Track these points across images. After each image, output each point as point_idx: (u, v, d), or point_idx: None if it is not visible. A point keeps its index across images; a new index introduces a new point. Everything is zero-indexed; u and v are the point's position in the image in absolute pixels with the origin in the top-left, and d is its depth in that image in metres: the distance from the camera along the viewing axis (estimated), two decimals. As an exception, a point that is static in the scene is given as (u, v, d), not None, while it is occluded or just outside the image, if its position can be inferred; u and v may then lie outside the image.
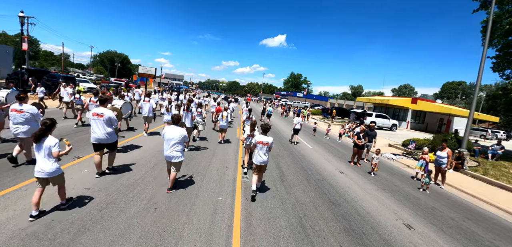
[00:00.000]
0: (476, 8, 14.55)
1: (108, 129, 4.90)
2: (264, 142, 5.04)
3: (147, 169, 5.78)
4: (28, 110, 4.96)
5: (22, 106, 4.96)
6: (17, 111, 4.89)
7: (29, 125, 4.98)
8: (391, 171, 9.37)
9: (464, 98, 77.21)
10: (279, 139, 12.64)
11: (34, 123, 5.08)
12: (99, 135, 4.80)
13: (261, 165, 5.11)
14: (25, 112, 4.93)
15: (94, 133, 4.82)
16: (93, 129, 4.83)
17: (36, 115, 5.11)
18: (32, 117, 5.02)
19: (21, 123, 4.91)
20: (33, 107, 5.12)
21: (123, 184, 4.80)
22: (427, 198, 6.88)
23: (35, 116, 5.08)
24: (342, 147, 13.33)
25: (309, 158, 9.44)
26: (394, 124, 24.70)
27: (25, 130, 4.93)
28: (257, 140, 5.10)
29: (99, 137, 4.80)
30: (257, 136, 5.25)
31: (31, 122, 5.02)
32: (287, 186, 6.00)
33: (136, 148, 7.43)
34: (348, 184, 6.92)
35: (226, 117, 9.67)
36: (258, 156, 5.05)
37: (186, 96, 20.85)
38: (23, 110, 4.92)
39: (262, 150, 5.04)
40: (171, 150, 4.58)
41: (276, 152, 9.39)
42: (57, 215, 3.57)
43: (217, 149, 8.72)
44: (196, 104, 11.61)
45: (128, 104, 8.22)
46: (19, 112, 4.89)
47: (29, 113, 4.97)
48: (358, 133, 9.19)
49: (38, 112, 5.17)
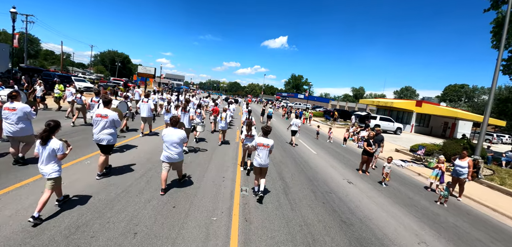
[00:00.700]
0: (487, 8, 13.95)
1: (111, 130, 4.89)
2: (265, 145, 4.98)
3: (132, 180, 5.09)
4: (20, 109, 4.86)
5: (14, 104, 4.86)
6: (9, 109, 4.81)
7: (22, 124, 4.88)
8: (403, 180, 8.66)
9: (466, 101, 76.42)
10: (281, 143, 11.95)
11: (27, 122, 4.97)
12: (101, 136, 4.76)
13: (262, 168, 5.02)
14: (18, 110, 4.83)
15: (96, 134, 4.78)
16: (95, 130, 4.79)
17: (29, 114, 4.99)
18: (24, 116, 4.91)
19: (14, 122, 4.81)
20: (25, 106, 5.00)
21: (101, 200, 4.11)
22: (446, 213, 6.17)
23: (28, 115, 4.97)
24: (347, 152, 12.62)
25: (313, 165, 8.73)
26: (398, 127, 23.98)
27: (18, 128, 4.84)
28: (258, 142, 5.02)
29: (101, 137, 4.76)
30: (258, 138, 5.15)
31: (24, 121, 4.91)
32: (292, 201, 5.29)
33: (129, 149, 7.08)
34: (359, 197, 6.22)
35: (225, 118, 9.51)
36: (258, 158, 4.97)
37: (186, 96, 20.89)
38: (16, 109, 4.83)
39: (263, 152, 4.95)
40: (170, 152, 4.57)
41: (278, 159, 8.70)
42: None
43: (215, 153, 8.03)
44: (195, 105, 11.25)
45: (124, 104, 8.05)
46: (11, 110, 4.81)
47: (22, 111, 4.87)
48: (368, 139, 8.49)
49: (30, 110, 5.05)
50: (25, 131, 4.93)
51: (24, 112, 4.89)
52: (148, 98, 9.23)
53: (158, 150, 7.24)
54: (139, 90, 17.47)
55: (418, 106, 28.19)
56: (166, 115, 9.06)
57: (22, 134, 4.89)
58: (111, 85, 27.77)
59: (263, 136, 5.15)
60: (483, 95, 76.93)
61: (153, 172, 5.63)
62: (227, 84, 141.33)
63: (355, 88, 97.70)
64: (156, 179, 5.26)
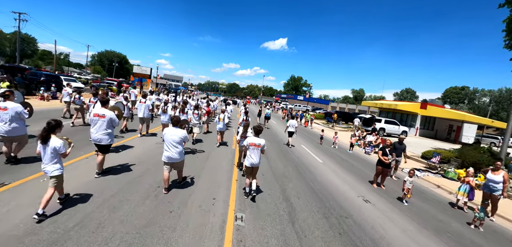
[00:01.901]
0: (502, 3, 13.02)
1: (108, 130, 4.90)
2: (257, 144, 4.95)
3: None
4: (12, 108, 4.78)
5: (6, 103, 4.78)
6: (1, 109, 4.72)
7: (15, 123, 4.79)
8: (423, 195, 7.55)
9: (466, 103, 75.83)
10: (281, 148, 10.83)
11: (19, 121, 4.89)
12: (98, 135, 4.77)
13: (253, 167, 4.98)
14: (9, 110, 4.74)
15: (93, 133, 4.80)
16: (93, 130, 4.81)
17: (21, 113, 4.90)
18: (16, 116, 4.81)
19: (7, 121, 4.73)
20: (17, 105, 4.91)
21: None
22: (485, 240, 5.08)
23: (20, 115, 4.87)
24: (355, 159, 11.52)
25: (321, 177, 7.61)
26: (404, 131, 22.88)
27: (10, 128, 4.75)
28: (249, 142, 4.98)
29: (98, 137, 4.77)
30: (250, 138, 5.12)
31: (16, 120, 4.83)
32: (300, 231, 4.16)
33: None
34: (380, 221, 5.10)
35: (222, 119, 9.44)
36: (249, 158, 4.94)
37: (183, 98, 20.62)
38: (7, 108, 4.74)
39: (254, 152, 4.93)
40: (171, 151, 4.55)
41: (280, 171, 7.56)
42: None
43: (208, 163, 6.90)
44: (192, 106, 11.20)
45: (120, 104, 8.04)
46: (3, 110, 4.72)
47: (14, 111, 4.78)
48: (384, 147, 7.38)
49: (23, 110, 4.96)
50: (18, 130, 4.86)
51: (16, 111, 4.79)
52: (146, 99, 9.16)
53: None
54: (135, 91, 16.86)
55: (423, 108, 27.20)
56: (162, 115, 9.10)
57: (15, 133, 4.81)
58: (104, 85, 26.55)
59: (254, 135, 5.14)
60: (484, 98, 76.37)
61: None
62: (226, 86, 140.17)
63: (355, 90, 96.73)
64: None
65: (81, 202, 3.85)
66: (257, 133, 5.10)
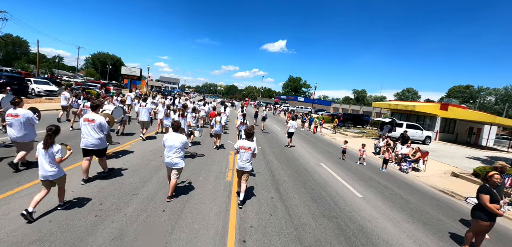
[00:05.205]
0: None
1: (99, 135, 4.86)
2: (247, 147, 4.79)
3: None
4: (23, 114, 4.86)
5: (17, 110, 4.87)
6: (12, 116, 4.81)
7: (25, 130, 4.88)
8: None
9: (471, 102, 73.76)
10: (302, 178, 7.72)
11: (30, 127, 4.98)
12: (89, 140, 4.74)
13: (243, 171, 4.84)
14: (20, 116, 4.83)
15: (84, 138, 4.77)
16: (83, 134, 4.80)
17: (32, 119, 4.98)
18: (27, 122, 4.90)
19: (18, 128, 4.79)
20: (28, 111, 5.00)
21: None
22: None
23: (30, 120, 4.96)
24: (401, 186, 8.34)
25: (372, 234, 4.50)
26: (428, 136, 19.93)
27: (22, 134, 4.83)
28: (240, 145, 4.84)
29: (89, 142, 4.75)
30: (240, 141, 4.93)
31: (27, 126, 4.91)
32: None
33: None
34: None
35: (219, 122, 9.24)
36: (239, 161, 4.84)
37: (181, 100, 20.61)
38: (18, 115, 4.83)
39: (244, 156, 4.77)
40: (172, 156, 4.50)
41: (294, 201, 4.44)
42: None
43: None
44: (190, 109, 10.89)
45: (120, 109, 7.80)
46: (14, 116, 4.80)
47: (25, 117, 4.87)
48: (491, 187, 4.25)
49: (33, 116, 5.03)
50: (28, 136, 4.95)
51: (27, 117, 4.89)
52: (146, 102, 9.23)
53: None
54: (131, 94, 16.13)
55: (443, 109, 24.24)
56: (166, 120, 9.36)
57: (25, 139, 4.89)
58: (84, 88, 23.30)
59: (245, 138, 4.99)
60: (489, 96, 74.13)
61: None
62: (224, 87, 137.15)
63: (357, 90, 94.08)
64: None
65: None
66: (248, 135, 4.97)
